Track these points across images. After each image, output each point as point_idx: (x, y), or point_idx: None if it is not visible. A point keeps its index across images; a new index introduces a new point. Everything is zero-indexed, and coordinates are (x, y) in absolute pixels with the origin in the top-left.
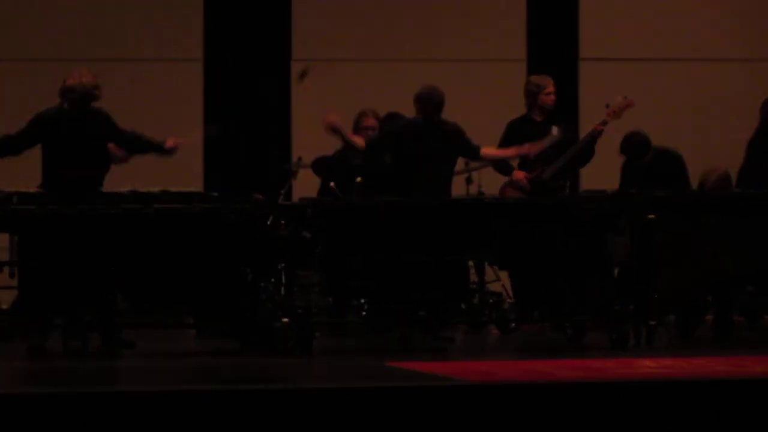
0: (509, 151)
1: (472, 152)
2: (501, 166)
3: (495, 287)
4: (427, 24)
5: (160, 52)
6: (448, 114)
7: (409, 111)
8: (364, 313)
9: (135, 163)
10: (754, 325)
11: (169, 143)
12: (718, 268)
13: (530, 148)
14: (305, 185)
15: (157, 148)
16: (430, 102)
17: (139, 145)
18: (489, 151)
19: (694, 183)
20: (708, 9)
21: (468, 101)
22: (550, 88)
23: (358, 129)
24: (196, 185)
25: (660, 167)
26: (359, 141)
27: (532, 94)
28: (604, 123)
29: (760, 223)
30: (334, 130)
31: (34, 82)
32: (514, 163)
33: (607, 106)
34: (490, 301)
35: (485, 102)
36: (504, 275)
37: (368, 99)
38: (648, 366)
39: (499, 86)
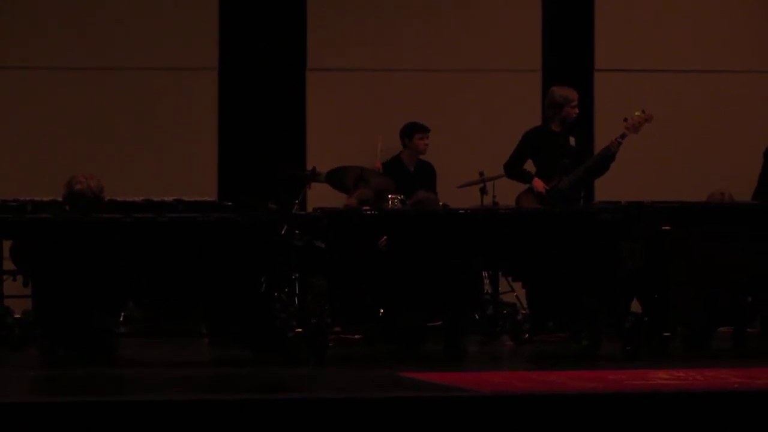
0: None
1: None
2: (520, 175)
3: (509, 298)
4: (442, 34)
5: (176, 61)
6: (466, 124)
7: (423, 121)
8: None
9: (149, 172)
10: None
11: None
12: (732, 280)
13: None
14: (319, 195)
15: None
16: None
17: None
18: None
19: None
20: (723, 20)
21: (483, 111)
22: (576, 102)
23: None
24: (210, 194)
25: None
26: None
27: (557, 106)
28: (623, 136)
29: None
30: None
31: (49, 91)
32: (533, 172)
33: (626, 119)
34: (504, 311)
35: (500, 112)
36: (518, 285)
37: (382, 109)
38: (661, 377)
39: (515, 97)
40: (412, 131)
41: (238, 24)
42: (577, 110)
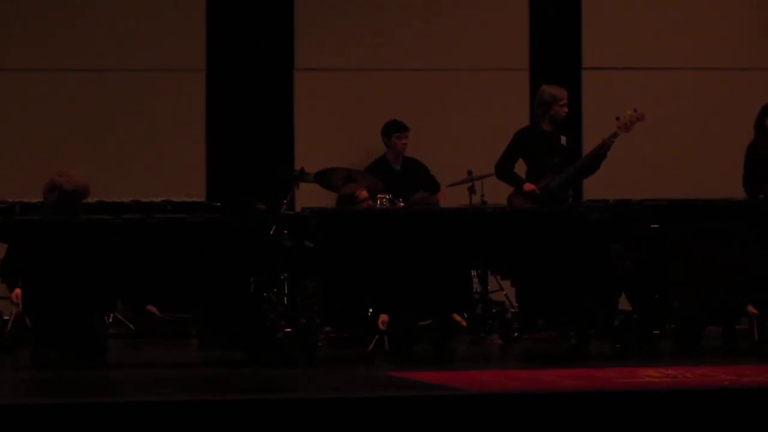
0: None
1: None
2: (510, 178)
3: (498, 296)
4: (429, 33)
5: (163, 62)
6: (454, 123)
7: (411, 121)
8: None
9: (137, 172)
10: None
11: None
12: (723, 277)
13: None
14: (308, 195)
15: None
16: None
17: None
18: None
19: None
20: (710, 18)
21: (471, 110)
22: (565, 100)
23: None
24: (199, 195)
25: None
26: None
27: (545, 105)
28: (615, 135)
29: (764, 231)
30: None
31: (36, 92)
32: (522, 174)
33: (618, 118)
34: (493, 310)
35: (488, 111)
36: (507, 284)
37: (370, 108)
38: (651, 375)
39: (502, 96)
40: (389, 130)
41: (225, 24)
42: (566, 109)
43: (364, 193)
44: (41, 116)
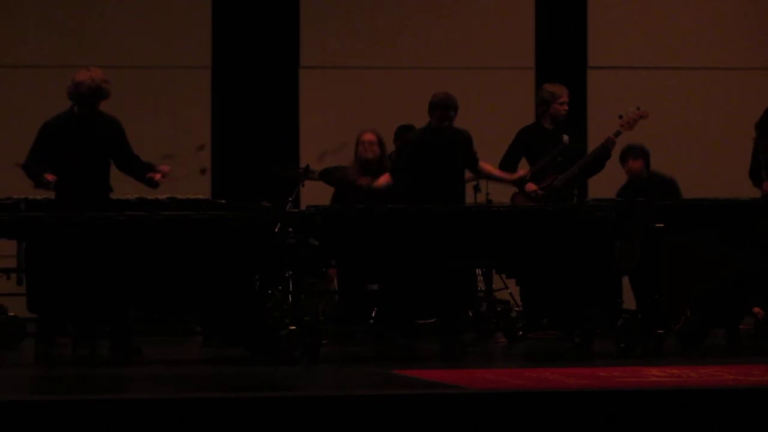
0: (504, 175)
1: (470, 162)
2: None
3: (503, 295)
4: (435, 32)
5: (169, 59)
6: (459, 122)
7: (416, 119)
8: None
9: None
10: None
11: (157, 176)
12: (727, 277)
13: (524, 173)
14: (313, 193)
15: (144, 180)
16: (439, 107)
17: (132, 166)
18: (486, 167)
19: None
20: (716, 18)
21: (476, 109)
22: (564, 98)
23: (357, 144)
24: (204, 192)
25: None
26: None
27: (545, 103)
28: (618, 134)
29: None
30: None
31: (42, 89)
32: (528, 170)
33: (621, 116)
34: (498, 309)
35: (494, 110)
36: (511, 283)
37: (376, 107)
38: (655, 375)
39: (508, 94)
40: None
41: (231, 22)
42: (566, 107)
43: (363, 180)
44: (46, 113)
